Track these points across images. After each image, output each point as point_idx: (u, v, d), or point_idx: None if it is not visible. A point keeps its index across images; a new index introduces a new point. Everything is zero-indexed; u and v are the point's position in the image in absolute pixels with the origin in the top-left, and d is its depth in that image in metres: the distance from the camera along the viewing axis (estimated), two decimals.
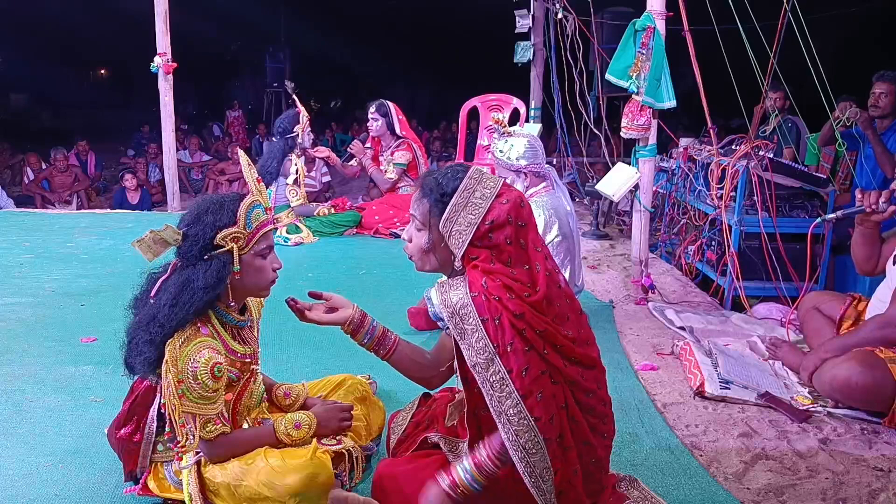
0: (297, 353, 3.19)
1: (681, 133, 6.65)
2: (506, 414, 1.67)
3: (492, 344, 1.66)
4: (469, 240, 1.73)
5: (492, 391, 1.67)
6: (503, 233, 1.73)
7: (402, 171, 5.74)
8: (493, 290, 1.68)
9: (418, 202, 1.84)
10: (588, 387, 1.79)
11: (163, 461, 2.00)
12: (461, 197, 1.76)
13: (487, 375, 1.67)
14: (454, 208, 1.75)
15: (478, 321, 1.66)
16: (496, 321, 1.66)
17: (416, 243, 1.86)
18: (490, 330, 1.66)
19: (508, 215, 1.74)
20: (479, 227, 1.73)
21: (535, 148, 3.36)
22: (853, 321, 3.03)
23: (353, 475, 2.09)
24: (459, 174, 1.80)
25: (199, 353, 1.81)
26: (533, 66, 7.18)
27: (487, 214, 1.74)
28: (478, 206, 1.75)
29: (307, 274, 4.51)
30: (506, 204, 1.75)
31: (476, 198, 1.76)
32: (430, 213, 1.81)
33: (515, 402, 1.66)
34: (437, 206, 1.79)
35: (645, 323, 3.71)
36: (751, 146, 4.15)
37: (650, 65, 3.80)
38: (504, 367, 1.66)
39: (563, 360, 1.73)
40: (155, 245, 1.81)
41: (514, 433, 1.67)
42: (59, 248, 5.15)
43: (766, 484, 2.23)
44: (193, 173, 10.50)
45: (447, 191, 1.78)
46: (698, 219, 4.73)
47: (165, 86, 6.56)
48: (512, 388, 1.66)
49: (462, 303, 1.68)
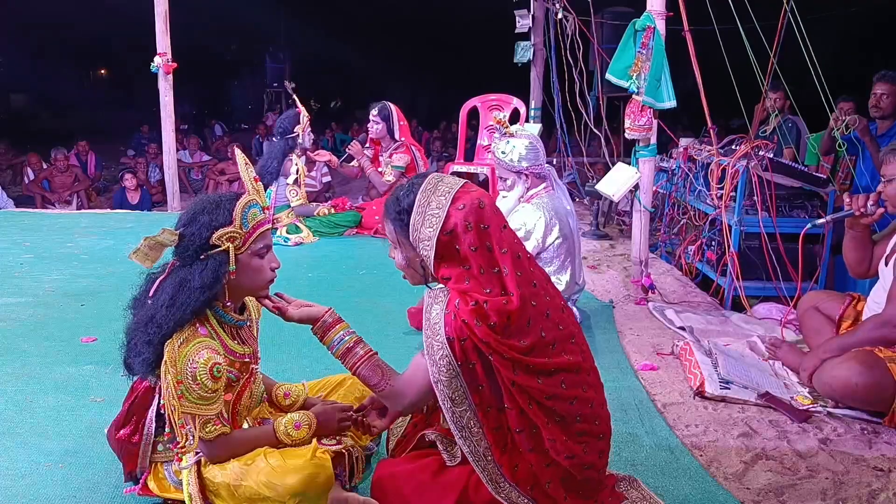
0: (297, 353, 3.19)
1: (681, 133, 6.66)
2: (467, 428, 1.72)
3: (456, 362, 1.68)
4: (433, 254, 1.72)
5: (453, 407, 1.71)
6: (466, 240, 1.71)
7: (400, 174, 5.73)
8: (463, 313, 1.68)
9: (384, 222, 1.86)
10: (571, 394, 1.77)
11: (163, 461, 2.00)
12: (417, 212, 1.74)
13: (449, 392, 1.71)
14: (414, 225, 1.75)
15: (444, 340, 1.69)
16: (462, 341, 1.68)
17: (397, 262, 1.88)
18: (456, 349, 1.68)
19: (466, 221, 1.71)
20: (439, 238, 1.71)
21: (536, 149, 3.37)
22: (852, 321, 3.03)
23: (352, 475, 2.09)
24: (415, 187, 1.78)
25: (197, 353, 1.81)
26: (533, 66, 7.19)
27: (445, 223, 1.71)
28: (435, 216, 1.72)
29: (307, 274, 4.51)
30: (462, 209, 1.72)
31: (432, 209, 1.73)
32: (396, 231, 1.82)
33: (473, 414, 1.71)
34: (398, 224, 1.80)
35: (645, 323, 3.71)
36: (751, 146, 4.15)
37: (650, 65, 3.80)
38: (464, 381, 1.70)
39: (537, 378, 1.72)
40: (151, 251, 1.81)
41: (475, 444, 1.73)
42: (59, 248, 5.15)
43: (766, 484, 2.23)
44: (193, 173, 10.50)
45: (404, 207, 1.77)
46: (698, 219, 4.74)
47: (165, 86, 6.56)
48: (471, 401, 1.71)
49: (437, 318, 1.71)
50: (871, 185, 4.37)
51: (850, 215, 2.90)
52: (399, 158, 5.71)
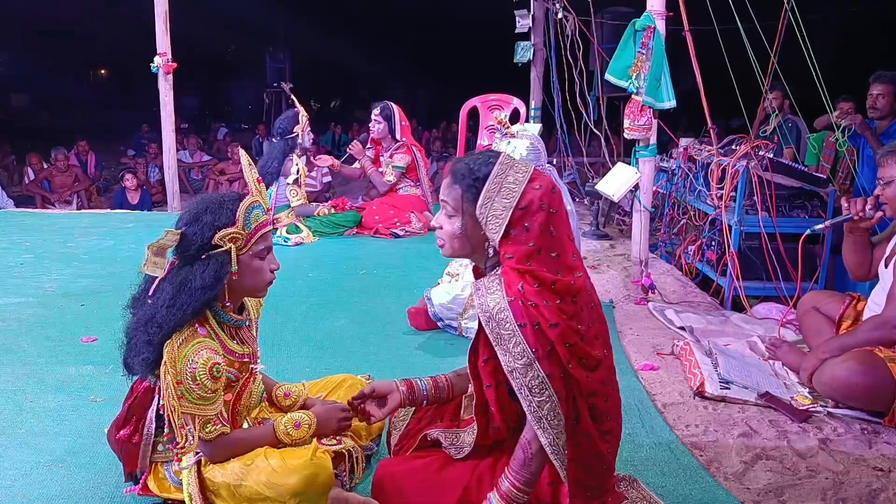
0: (297, 353, 3.19)
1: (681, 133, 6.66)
2: (546, 418, 1.66)
3: (530, 349, 1.64)
4: (506, 224, 1.71)
5: (530, 396, 1.65)
6: (538, 219, 1.71)
7: (400, 174, 5.73)
8: (530, 295, 1.66)
9: (450, 188, 1.82)
10: (606, 392, 1.79)
11: (163, 461, 2.00)
12: (494, 182, 1.73)
13: (526, 381, 1.64)
14: (488, 193, 1.73)
15: (515, 326, 1.64)
16: (535, 326, 1.64)
17: (448, 230, 1.83)
18: (529, 335, 1.64)
19: (542, 201, 1.72)
20: (513, 212, 1.70)
21: (537, 149, 3.37)
22: (852, 321, 3.02)
23: (353, 475, 2.09)
24: (491, 160, 1.78)
25: (197, 353, 1.81)
26: (533, 66, 7.18)
27: (521, 199, 1.71)
28: (511, 190, 1.72)
29: (307, 274, 4.51)
30: (539, 189, 1.73)
31: (509, 182, 1.73)
32: (463, 198, 1.78)
33: (554, 405, 1.66)
34: (469, 192, 1.77)
35: (645, 323, 3.71)
36: (751, 146, 4.15)
37: (650, 65, 3.80)
38: (543, 371, 1.65)
39: (585, 372, 1.72)
40: (158, 258, 1.81)
41: (555, 436, 1.67)
42: (59, 248, 5.15)
43: (767, 484, 2.23)
44: (193, 173, 10.50)
45: (479, 176, 1.76)
46: (698, 219, 4.74)
47: (165, 86, 6.56)
48: (552, 392, 1.65)
49: (499, 307, 1.66)
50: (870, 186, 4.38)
51: (850, 220, 2.89)
52: (400, 158, 5.71)
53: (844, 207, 2.90)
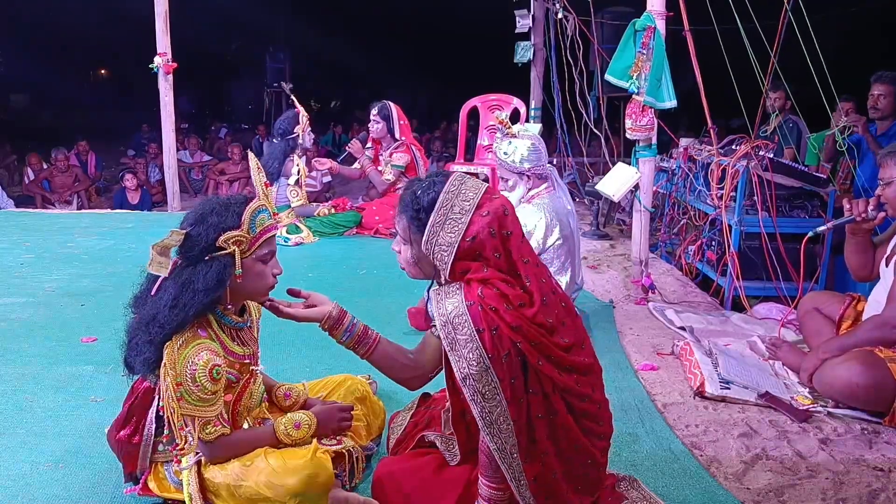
0: (297, 353, 3.19)
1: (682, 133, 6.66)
2: (496, 423, 1.65)
3: (487, 354, 1.62)
4: (452, 259, 1.69)
5: (483, 402, 1.64)
6: (489, 246, 1.68)
7: (399, 173, 5.73)
8: (490, 299, 1.64)
9: (398, 217, 1.80)
10: (583, 392, 1.78)
11: (163, 461, 2.00)
12: (439, 214, 1.69)
13: (479, 387, 1.63)
14: (433, 228, 1.69)
15: (473, 331, 1.62)
16: (493, 331, 1.62)
17: (404, 256, 1.84)
18: (486, 340, 1.62)
19: (490, 228, 1.67)
20: (460, 245, 1.67)
21: (538, 150, 3.36)
22: (852, 321, 3.02)
23: (353, 475, 2.09)
24: (437, 186, 1.73)
25: (197, 355, 1.81)
26: (533, 66, 7.19)
27: (468, 230, 1.67)
28: (457, 221, 1.67)
29: (307, 274, 4.51)
30: (487, 216, 1.68)
31: (455, 213, 1.68)
32: (409, 229, 1.77)
33: (503, 410, 1.65)
34: (414, 223, 1.75)
35: (645, 323, 3.71)
36: (751, 146, 4.15)
37: (650, 65, 3.80)
38: (497, 376, 1.63)
39: (557, 370, 1.71)
40: (162, 258, 1.81)
41: (503, 441, 1.67)
42: (59, 248, 5.15)
43: (767, 484, 2.23)
44: (194, 173, 10.50)
45: (423, 205, 1.72)
46: (698, 219, 4.74)
47: (165, 86, 6.56)
48: (502, 397, 1.64)
49: (457, 311, 1.64)
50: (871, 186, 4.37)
51: (852, 221, 2.89)
52: (399, 158, 5.71)
53: (846, 209, 2.90)
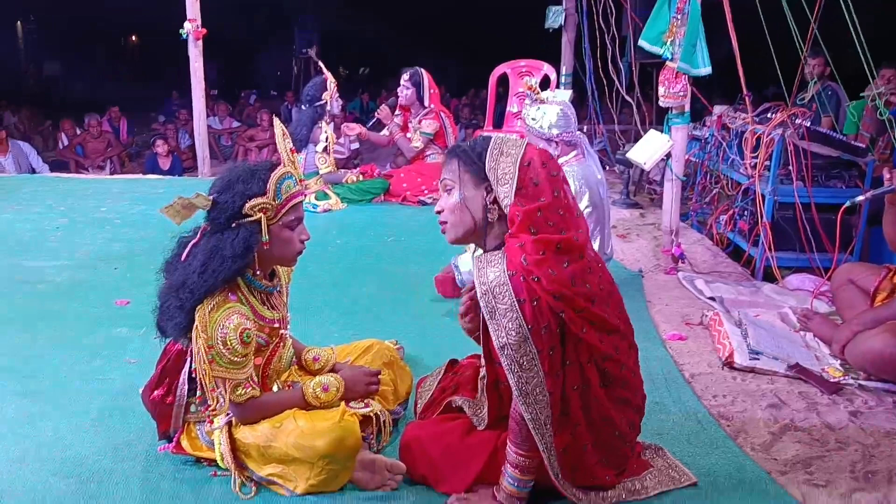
0: (326, 318, 3.22)
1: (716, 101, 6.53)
2: (532, 394, 1.66)
3: (527, 325, 1.63)
4: (516, 179, 1.73)
5: (520, 371, 1.65)
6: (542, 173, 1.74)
7: (428, 140, 5.70)
8: (533, 267, 1.64)
9: (447, 164, 1.85)
10: (621, 360, 1.79)
11: (195, 421, 2.04)
12: (495, 146, 1.79)
13: (517, 356, 1.64)
14: (492, 154, 1.77)
15: (513, 301, 1.63)
16: (534, 302, 1.63)
17: (449, 204, 1.84)
18: (527, 311, 1.63)
19: (542, 159, 1.77)
20: (519, 170, 1.73)
21: (567, 116, 3.31)
22: (888, 293, 2.96)
23: (380, 438, 2.12)
24: (486, 139, 1.83)
25: (228, 318, 1.84)
26: (564, 31, 7.06)
27: (524, 156, 1.75)
28: (513, 147, 1.78)
29: (335, 241, 4.53)
30: (537, 149, 1.81)
31: (508, 145, 1.79)
32: (461, 168, 1.81)
33: (540, 381, 1.66)
34: (468, 162, 1.80)
35: (674, 293, 3.67)
36: (787, 114, 4.05)
37: (685, 30, 3.71)
38: (535, 347, 1.64)
39: (598, 334, 1.72)
40: (183, 210, 1.83)
41: (538, 411, 1.68)
42: (93, 212, 5.24)
43: (794, 455, 2.21)
44: (223, 139, 10.55)
45: (478, 150, 1.80)
46: (731, 188, 4.65)
47: (195, 52, 6.57)
48: (539, 368, 1.65)
49: (498, 281, 1.65)
50: None
51: (892, 191, 2.81)
52: (428, 125, 5.68)
53: (886, 178, 2.82)
